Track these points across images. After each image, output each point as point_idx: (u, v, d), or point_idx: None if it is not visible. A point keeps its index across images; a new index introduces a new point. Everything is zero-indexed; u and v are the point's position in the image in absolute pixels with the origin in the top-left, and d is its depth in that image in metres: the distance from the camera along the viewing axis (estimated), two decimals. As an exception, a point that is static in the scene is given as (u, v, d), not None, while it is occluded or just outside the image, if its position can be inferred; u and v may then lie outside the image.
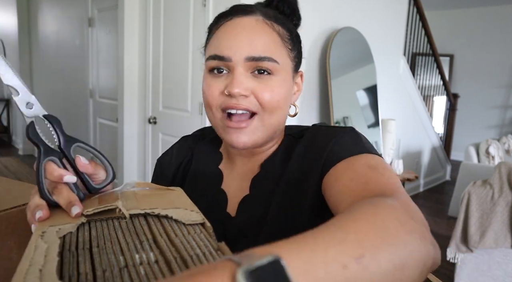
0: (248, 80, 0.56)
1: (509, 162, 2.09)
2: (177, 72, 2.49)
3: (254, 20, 0.58)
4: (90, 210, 0.42)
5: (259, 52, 0.56)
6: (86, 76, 3.59)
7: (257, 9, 0.60)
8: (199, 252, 0.35)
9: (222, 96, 0.57)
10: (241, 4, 0.62)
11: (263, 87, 0.57)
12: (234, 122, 0.57)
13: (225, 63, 0.57)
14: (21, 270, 0.30)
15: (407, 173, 3.17)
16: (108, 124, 3.32)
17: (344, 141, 0.57)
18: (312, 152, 0.59)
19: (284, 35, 0.59)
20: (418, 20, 4.03)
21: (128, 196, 0.48)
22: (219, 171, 0.68)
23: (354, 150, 0.54)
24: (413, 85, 3.90)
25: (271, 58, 0.56)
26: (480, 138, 4.17)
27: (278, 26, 0.59)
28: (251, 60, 0.56)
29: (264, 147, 0.64)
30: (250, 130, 0.58)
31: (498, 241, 1.94)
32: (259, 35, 0.57)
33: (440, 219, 3.47)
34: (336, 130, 0.59)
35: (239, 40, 0.56)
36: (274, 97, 0.57)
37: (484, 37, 5.95)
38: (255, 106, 0.57)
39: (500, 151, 3.73)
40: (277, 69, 0.57)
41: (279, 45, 0.58)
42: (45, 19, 4.44)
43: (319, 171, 0.56)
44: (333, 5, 2.72)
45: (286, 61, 0.59)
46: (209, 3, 2.21)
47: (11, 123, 5.63)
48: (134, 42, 2.76)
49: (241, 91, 0.55)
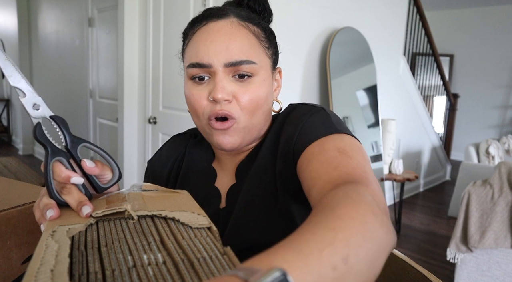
0: (230, 84, 0.58)
1: (509, 162, 2.09)
2: (177, 72, 2.49)
3: (229, 23, 0.59)
4: (100, 212, 0.43)
5: (236, 56, 0.57)
6: (86, 76, 3.59)
7: (230, 11, 0.60)
8: (206, 255, 0.35)
9: (207, 103, 0.59)
10: (214, 7, 0.63)
11: (244, 90, 0.58)
12: (218, 123, 0.59)
13: (206, 69, 0.58)
14: (32, 269, 0.30)
15: (407, 173, 3.17)
16: (108, 124, 3.32)
17: (314, 122, 0.57)
18: (286, 130, 0.61)
19: (259, 35, 0.61)
20: (418, 20, 4.03)
21: (135, 197, 0.49)
22: (212, 169, 0.70)
23: (324, 130, 0.55)
24: (413, 85, 3.90)
25: (248, 61, 0.58)
26: (480, 138, 4.17)
27: (253, 26, 0.60)
28: (230, 66, 0.57)
29: (250, 145, 0.66)
30: (232, 131, 0.59)
31: (498, 241, 1.94)
32: (235, 38, 0.58)
33: (440, 219, 3.48)
34: (307, 110, 0.60)
35: (216, 46, 0.57)
36: (253, 100, 0.59)
37: (484, 37, 5.95)
38: (236, 112, 0.58)
39: (500, 151, 3.73)
40: (256, 70, 0.59)
41: (256, 46, 0.60)
42: (45, 19, 4.44)
43: (291, 153, 0.57)
44: (333, 5, 2.72)
45: (264, 60, 0.61)
46: (209, 3, 2.21)
47: (11, 123, 5.63)
48: (134, 42, 2.76)
49: (224, 96, 0.57)
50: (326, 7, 2.66)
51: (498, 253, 1.98)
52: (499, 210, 1.97)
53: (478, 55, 6.03)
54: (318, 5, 2.58)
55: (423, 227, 3.27)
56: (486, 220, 1.99)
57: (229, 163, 0.68)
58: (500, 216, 1.96)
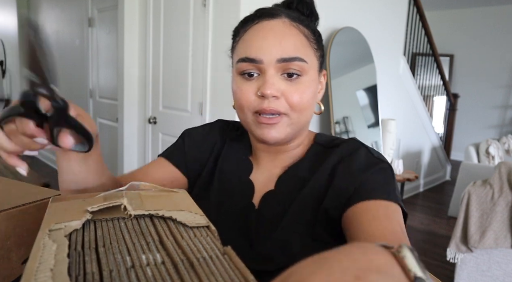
0: (279, 82, 0.59)
1: (509, 162, 2.09)
2: (177, 72, 2.49)
3: (281, 23, 0.60)
4: (96, 206, 0.43)
5: (289, 53, 0.58)
6: (86, 76, 3.59)
7: (282, 12, 0.62)
8: (206, 255, 0.35)
9: (255, 98, 0.60)
10: (266, 7, 0.64)
11: (294, 90, 0.59)
12: (265, 118, 0.60)
13: (256, 65, 0.59)
14: (30, 267, 0.30)
15: (407, 173, 3.17)
16: (108, 124, 3.32)
17: (378, 180, 0.58)
18: (345, 173, 0.60)
19: (309, 36, 0.62)
20: (418, 20, 4.03)
21: (133, 196, 0.48)
22: (249, 162, 0.71)
23: (386, 195, 0.56)
24: (413, 85, 3.90)
25: (301, 58, 0.58)
26: (480, 138, 4.17)
27: (303, 27, 0.61)
28: (282, 62, 0.58)
29: (290, 144, 0.66)
30: (279, 126, 0.60)
31: (498, 241, 1.94)
32: (288, 36, 0.59)
33: (440, 219, 3.48)
34: (374, 162, 0.60)
35: (269, 43, 0.58)
36: (303, 99, 0.60)
37: (484, 37, 5.95)
38: (283, 108, 0.59)
39: (500, 151, 3.73)
40: (305, 69, 0.59)
41: (306, 46, 0.60)
42: (45, 19, 4.43)
43: (346, 198, 0.57)
44: (333, 5, 2.72)
45: (313, 60, 0.62)
46: (209, 3, 2.21)
47: (11, 123, 5.62)
48: (134, 42, 2.76)
49: (273, 92, 0.58)
50: (326, 7, 2.66)
51: (498, 253, 1.98)
52: (499, 210, 1.97)
53: (478, 55, 6.03)
54: (318, 5, 2.58)
55: (423, 227, 3.27)
56: (486, 220, 1.99)
57: (266, 162, 0.69)
58: (500, 216, 1.96)
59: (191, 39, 2.35)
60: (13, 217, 0.55)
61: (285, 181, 0.65)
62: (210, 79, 2.27)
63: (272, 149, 0.67)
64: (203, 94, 2.31)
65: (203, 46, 2.26)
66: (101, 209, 0.44)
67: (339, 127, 2.68)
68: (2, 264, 0.51)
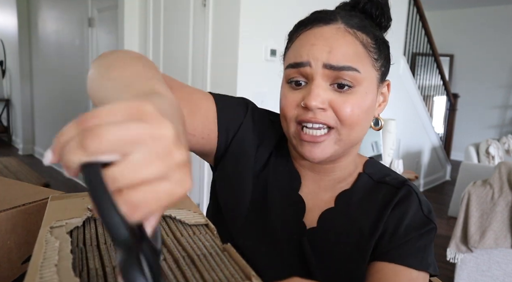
0: (326, 92, 0.53)
1: (509, 162, 2.09)
2: (177, 72, 2.49)
3: (335, 29, 0.54)
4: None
5: (338, 60, 0.52)
6: (86, 76, 3.57)
7: (339, 16, 0.56)
8: (206, 252, 0.35)
9: (298, 108, 0.54)
10: (323, 11, 0.59)
11: (343, 101, 0.53)
12: (309, 135, 0.54)
13: (303, 71, 0.54)
14: (35, 263, 0.30)
15: (407, 173, 3.17)
16: (108, 124, 3.31)
17: (419, 244, 0.56)
18: (392, 225, 0.57)
19: (368, 44, 0.55)
20: (418, 20, 4.03)
21: None
22: (297, 176, 0.63)
23: (418, 261, 0.55)
24: (413, 85, 3.90)
25: (351, 68, 0.52)
26: (480, 138, 4.17)
27: (362, 34, 0.55)
28: (330, 69, 0.52)
29: (336, 164, 0.60)
30: (325, 144, 0.54)
31: (498, 241, 1.94)
32: (339, 43, 0.53)
33: (440, 219, 3.47)
34: (422, 222, 0.58)
35: (318, 48, 0.53)
36: (354, 112, 0.53)
37: (484, 37, 5.96)
38: (332, 121, 0.53)
39: (500, 151, 3.73)
40: (358, 80, 0.53)
41: (362, 55, 0.54)
42: (45, 19, 4.44)
43: (382, 248, 0.56)
44: (333, 5, 2.72)
45: (370, 71, 0.55)
46: (209, 3, 2.21)
47: (11, 123, 5.63)
48: (134, 42, 2.76)
49: (318, 105, 0.52)
50: (326, 8, 2.65)
51: (498, 253, 1.98)
52: (499, 210, 1.97)
53: (478, 55, 6.03)
54: (318, 5, 2.58)
55: (423, 227, 3.27)
56: (486, 220, 1.99)
57: (311, 181, 0.63)
58: (500, 216, 1.96)
59: (191, 39, 2.35)
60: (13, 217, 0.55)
61: (331, 215, 0.60)
62: (210, 79, 2.27)
63: (316, 167, 0.61)
64: (203, 94, 2.31)
65: (203, 46, 2.26)
66: None
67: (339, 127, 2.68)
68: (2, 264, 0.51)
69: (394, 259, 0.55)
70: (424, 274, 0.56)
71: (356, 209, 0.60)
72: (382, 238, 0.57)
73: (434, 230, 0.58)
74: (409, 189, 0.60)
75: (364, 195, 0.61)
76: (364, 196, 0.61)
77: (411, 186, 0.61)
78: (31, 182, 2.27)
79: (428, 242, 0.57)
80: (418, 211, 0.58)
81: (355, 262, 0.57)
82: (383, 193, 0.60)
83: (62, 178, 4.11)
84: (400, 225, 0.57)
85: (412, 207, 0.58)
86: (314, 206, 0.61)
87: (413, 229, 0.57)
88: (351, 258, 0.57)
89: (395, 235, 0.56)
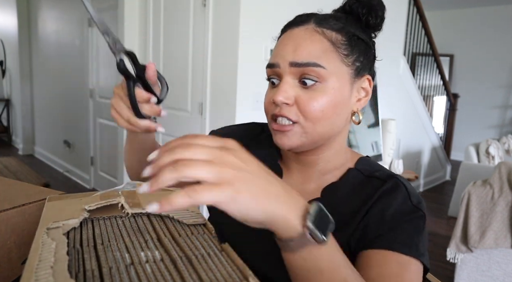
0: (293, 89, 0.57)
1: (509, 162, 2.09)
2: (177, 72, 2.49)
3: (304, 30, 0.59)
4: (93, 205, 0.44)
5: (302, 58, 0.56)
6: (86, 76, 3.59)
7: (313, 18, 0.61)
8: (204, 252, 0.35)
9: (272, 104, 0.60)
10: (301, 15, 0.64)
11: (309, 97, 0.56)
12: (277, 125, 0.59)
13: (276, 70, 0.59)
14: (30, 265, 0.30)
15: (407, 173, 3.17)
16: (108, 124, 3.32)
17: (408, 230, 0.56)
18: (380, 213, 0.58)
19: (337, 41, 0.58)
20: (418, 20, 4.03)
21: (130, 195, 0.49)
22: (278, 165, 0.68)
23: (407, 248, 0.54)
24: (413, 85, 3.90)
25: (316, 64, 0.56)
26: (480, 138, 4.17)
27: (331, 32, 0.59)
28: (295, 66, 0.56)
29: (319, 156, 0.64)
30: (291, 134, 0.58)
31: (498, 241, 1.94)
32: (305, 42, 0.57)
33: (440, 219, 3.48)
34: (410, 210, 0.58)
35: (286, 48, 0.58)
36: (318, 108, 0.56)
37: (484, 37, 5.96)
38: (295, 116, 0.57)
39: (500, 151, 3.73)
40: (323, 75, 0.56)
41: (329, 52, 0.57)
42: (45, 19, 4.44)
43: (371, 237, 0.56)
44: (333, 5, 2.72)
45: (339, 67, 0.58)
46: (209, 3, 2.21)
47: (11, 123, 5.63)
48: (134, 42, 2.76)
49: (283, 100, 0.56)
50: (326, 8, 2.66)
51: (498, 253, 1.98)
52: (499, 210, 1.97)
53: (478, 55, 6.03)
54: (318, 5, 2.58)
55: (423, 227, 3.27)
56: (486, 220, 1.99)
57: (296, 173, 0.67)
58: (500, 216, 1.96)
59: (191, 39, 2.35)
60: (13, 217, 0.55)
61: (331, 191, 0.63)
62: (210, 79, 2.27)
63: (301, 159, 0.65)
64: (203, 94, 2.31)
65: (203, 46, 2.26)
66: (98, 207, 0.45)
67: (339, 127, 2.68)
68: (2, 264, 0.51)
69: (382, 245, 0.55)
70: (416, 262, 0.54)
71: (342, 201, 0.61)
72: (367, 227, 0.57)
73: (423, 218, 0.59)
74: (397, 181, 0.61)
75: (352, 189, 0.62)
76: (352, 189, 0.62)
77: (399, 178, 0.62)
78: (31, 182, 2.27)
79: (417, 229, 0.57)
80: (406, 201, 0.59)
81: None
82: (371, 186, 0.61)
83: (62, 178, 4.11)
84: (386, 213, 0.57)
85: (399, 197, 0.59)
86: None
87: (400, 216, 0.57)
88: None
89: (381, 223, 0.57)
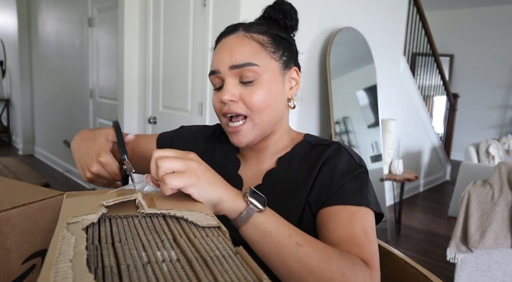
0: (236, 88, 0.67)
1: (509, 162, 2.09)
2: (177, 72, 2.49)
3: (235, 37, 0.69)
4: (111, 201, 0.45)
5: (239, 60, 0.66)
6: (86, 76, 3.59)
7: (241, 26, 0.70)
8: (219, 254, 0.36)
9: (221, 105, 0.69)
10: (230, 25, 0.73)
11: (249, 92, 0.66)
12: (231, 127, 0.68)
13: (218, 76, 0.68)
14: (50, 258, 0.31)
15: (407, 173, 3.17)
16: (108, 124, 3.32)
17: (354, 186, 0.64)
18: (329, 173, 0.66)
19: (264, 42, 0.68)
20: (418, 20, 4.03)
21: (144, 196, 0.51)
22: (237, 159, 0.78)
23: (359, 200, 0.63)
24: (413, 85, 3.90)
25: (251, 63, 0.66)
26: (480, 138, 4.17)
27: (258, 35, 0.69)
28: (234, 68, 0.66)
29: (269, 141, 0.73)
30: (244, 132, 0.68)
31: (498, 241, 1.94)
32: (238, 47, 0.67)
33: (440, 219, 3.48)
34: (354, 167, 0.67)
35: (224, 55, 0.68)
36: (259, 99, 0.66)
37: (484, 37, 5.96)
38: (243, 110, 0.67)
39: (500, 151, 3.73)
40: (258, 72, 0.66)
41: (260, 51, 0.67)
42: (45, 19, 4.44)
43: (325, 197, 0.64)
44: (333, 5, 2.72)
45: (270, 63, 0.68)
46: (209, 3, 2.21)
47: (11, 123, 5.63)
48: (134, 42, 2.76)
49: (229, 97, 0.66)
50: (326, 7, 2.66)
51: (498, 253, 1.98)
52: (499, 210, 1.97)
53: (478, 55, 6.03)
54: (318, 5, 2.58)
55: (423, 227, 3.27)
56: (486, 220, 1.99)
57: (252, 158, 0.76)
58: (500, 216, 1.96)
59: (191, 39, 2.35)
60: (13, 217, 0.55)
61: (273, 175, 0.72)
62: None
63: (255, 146, 0.73)
64: (203, 94, 2.31)
65: (203, 46, 2.26)
66: (115, 204, 0.46)
67: (339, 127, 2.68)
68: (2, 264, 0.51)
69: (334, 202, 0.63)
70: (366, 209, 0.62)
71: (296, 167, 0.71)
72: (319, 190, 0.65)
73: (366, 173, 0.67)
74: (339, 146, 0.70)
75: (304, 156, 0.72)
76: (303, 156, 0.72)
77: (341, 144, 0.71)
78: (31, 182, 2.27)
79: (362, 183, 0.65)
80: (350, 160, 0.68)
81: (291, 212, 0.66)
82: (318, 151, 0.70)
83: (62, 178, 4.11)
84: (333, 174, 0.65)
85: (343, 158, 0.68)
86: (255, 176, 0.73)
87: (346, 174, 0.65)
88: (288, 208, 0.66)
89: (331, 183, 0.65)
